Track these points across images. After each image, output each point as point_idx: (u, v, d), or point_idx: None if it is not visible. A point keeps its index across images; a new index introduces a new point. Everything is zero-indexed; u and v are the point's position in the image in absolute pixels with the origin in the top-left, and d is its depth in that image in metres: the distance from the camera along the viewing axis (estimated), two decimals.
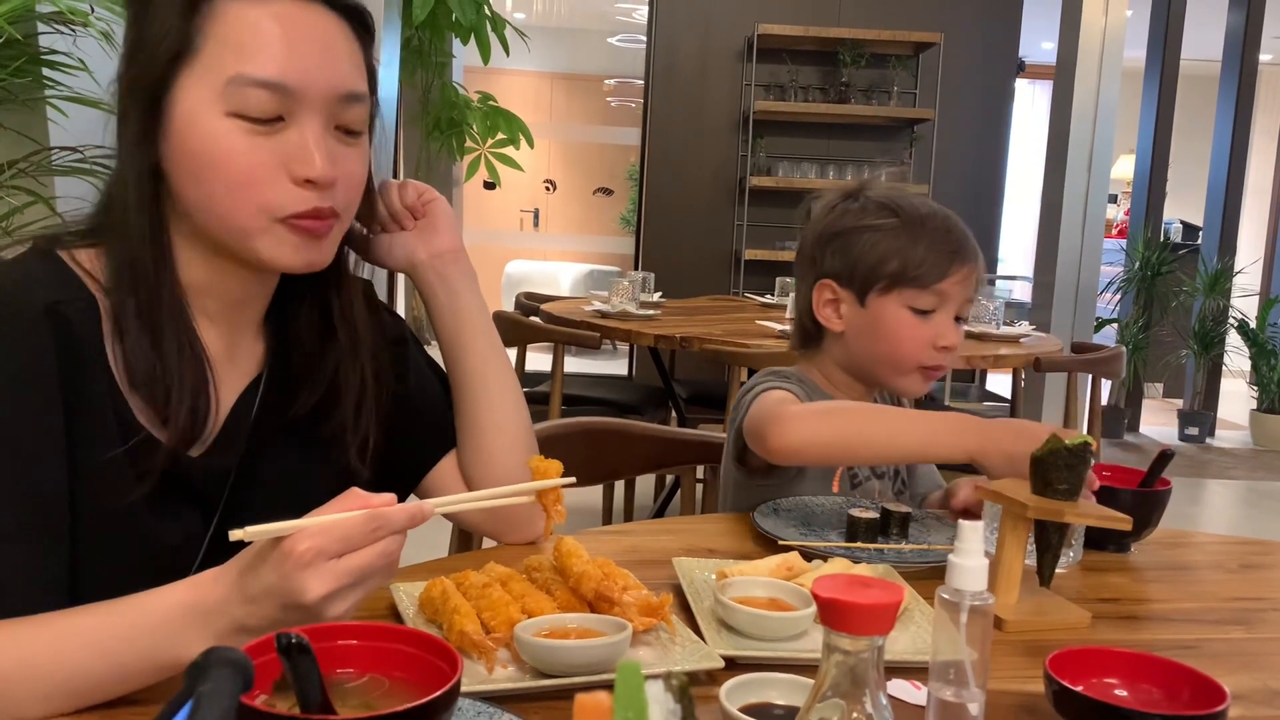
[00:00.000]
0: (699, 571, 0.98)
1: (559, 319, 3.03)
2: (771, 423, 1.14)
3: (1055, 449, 0.95)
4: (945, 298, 1.28)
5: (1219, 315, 6.05)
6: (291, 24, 0.82)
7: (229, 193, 0.81)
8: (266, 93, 0.80)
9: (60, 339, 0.79)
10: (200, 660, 0.43)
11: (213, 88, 0.80)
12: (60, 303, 0.80)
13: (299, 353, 0.95)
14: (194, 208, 0.84)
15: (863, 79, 5.57)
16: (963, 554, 0.69)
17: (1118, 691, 0.75)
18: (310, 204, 0.83)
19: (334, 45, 0.84)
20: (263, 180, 0.82)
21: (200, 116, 0.80)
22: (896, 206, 1.30)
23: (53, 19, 2.03)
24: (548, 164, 9.18)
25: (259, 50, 0.80)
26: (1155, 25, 5.97)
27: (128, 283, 0.83)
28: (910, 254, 1.27)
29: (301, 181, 0.82)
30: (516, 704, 0.71)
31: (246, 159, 0.81)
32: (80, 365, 0.80)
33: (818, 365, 1.37)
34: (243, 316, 0.93)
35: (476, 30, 4.35)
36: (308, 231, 0.84)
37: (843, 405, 1.21)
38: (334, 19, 0.85)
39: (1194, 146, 7.47)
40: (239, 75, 0.80)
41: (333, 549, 0.68)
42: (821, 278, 1.32)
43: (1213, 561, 1.21)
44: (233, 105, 0.80)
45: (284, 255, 0.84)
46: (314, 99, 0.82)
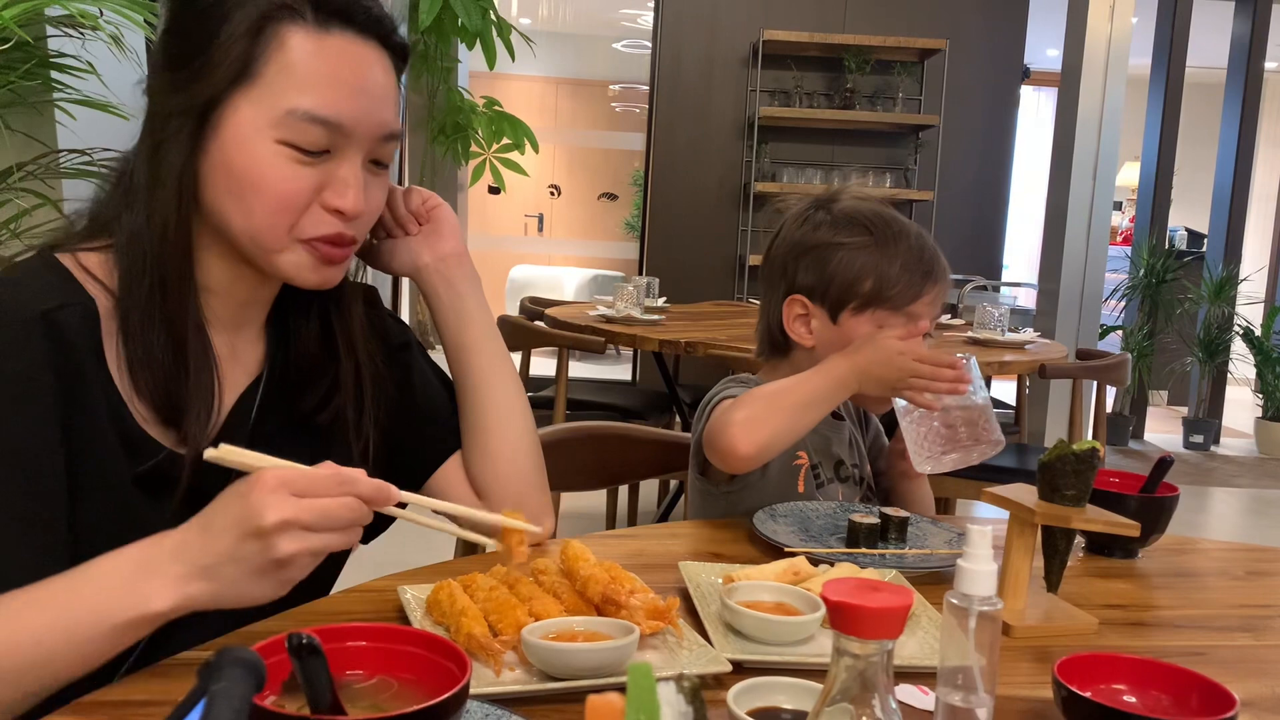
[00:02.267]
0: (705, 575, 0.98)
1: (563, 324, 3.03)
2: (725, 436, 1.14)
3: (1063, 454, 0.95)
4: (915, 319, 1.28)
5: (1224, 323, 6.04)
6: (351, 62, 0.85)
7: (265, 214, 0.84)
8: (320, 128, 0.83)
9: (55, 345, 0.79)
10: (213, 660, 0.43)
11: (268, 114, 0.83)
12: (55, 309, 0.80)
13: (299, 355, 0.97)
14: (223, 218, 0.86)
15: (868, 85, 5.57)
16: (971, 558, 0.68)
17: (1126, 698, 0.75)
18: (336, 229, 0.87)
19: (383, 85, 0.88)
20: (298, 206, 0.85)
21: (250, 139, 0.83)
22: (869, 223, 1.29)
23: (62, 22, 2.04)
24: (552, 169, 9.19)
25: (319, 87, 0.83)
26: (1160, 32, 5.98)
27: (149, 285, 0.84)
28: (885, 274, 1.26)
29: (333, 210, 0.86)
30: (524, 706, 0.71)
31: (289, 185, 0.84)
32: (76, 369, 0.81)
33: (783, 374, 1.36)
34: (246, 318, 0.95)
35: (482, 35, 4.36)
36: (326, 256, 0.88)
37: (765, 391, 1.19)
38: (384, 57, 0.88)
39: (1199, 154, 7.47)
40: (296, 109, 0.82)
41: (298, 484, 0.69)
42: (792, 292, 1.31)
43: (1219, 568, 1.21)
44: (285, 134, 0.83)
45: (302, 273, 0.88)
46: (361, 137, 0.86)
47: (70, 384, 0.80)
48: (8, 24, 1.73)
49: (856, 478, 1.39)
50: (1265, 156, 8.60)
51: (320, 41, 0.84)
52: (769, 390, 1.19)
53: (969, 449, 1.18)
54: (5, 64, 1.94)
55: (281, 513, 0.68)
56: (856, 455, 1.41)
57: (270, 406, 0.95)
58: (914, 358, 1.17)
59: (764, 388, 1.21)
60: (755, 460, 1.16)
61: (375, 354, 1.01)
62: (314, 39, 0.83)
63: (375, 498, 0.72)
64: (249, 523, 0.68)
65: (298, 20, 0.83)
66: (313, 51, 0.83)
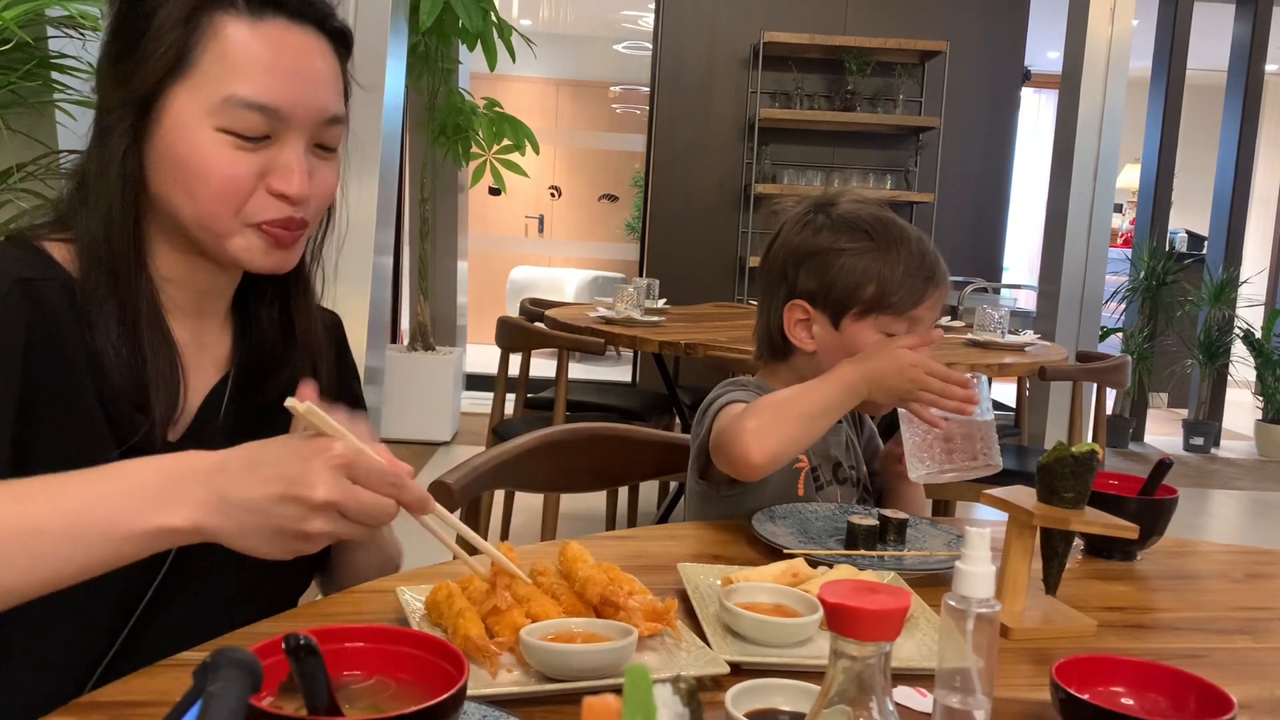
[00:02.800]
0: (704, 577, 0.98)
1: (563, 325, 3.03)
2: (736, 444, 1.14)
3: (1062, 456, 0.95)
4: (917, 323, 1.28)
5: (1224, 325, 6.04)
6: (285, 48, 0.85)
7: (209, 199, 0.85)
8: (258, 114, 0.84)
9: (33, 310, 0.81)
10: (210, 660, 0.43)
11: (205, 102, 0.83)
12: (34, 280, 0.82)
13: (260, 344, 0.99)
14: (171, 207, 0.87)
15: (868, 87, 5.58)
16: (970, 560, 0.68)
17: (1124, 700, 0.75)
18: (284, 214, 0.87)
19: (322, 70, 0.88)
20: (243, 191, 0.86)
21: (190, 127, 0.84)
22: (870, 228, 1.29)
23: (62, 23, 2.04)
24: (553, 170, 9.19)
25: (255, 74, 0.84)
26: (1161, 35, 5.98)
27: (104, 274, 0.85)
28: (887, 280, 1.26)
29: (279, 194, 0.87)
30: (522, 708, 0.71)
31: (230, 170, 0.84)
32: (58, 339, 0.82)
33: (781, 376, 1.36)
34: (209, 308, 0.96)
35: (483, 36, 4.36)
36: (277, 239, 0.88)
37: (776, 400, 1.19)
38: (322, 41, 0.89)
39: (1200, 156, 7.47)
40: (233, 96, 0.83)
41: (357, 472, 0.70)
42: (793, 297, 1.31)
43: (1218, 571, 1.21)
44: (223, 121, 0.84)
45: (253, 257, 0.89)
46: (300, 122, 0.86)
47: (51, 347, 0.81)
48: (8, 25, 1.73)
49: (854, 479, 1.39)
50: (1266, 159, 8.60)
51: (254, 29, 0.84)
52: (779, 399, 1.19)
53: (965, 467, 1.18)
54: (6, 65, 1.95)
55: (332, 494, 0.68)
56: (853, 456, 1.41)
57: (241, 397, 0.96)
58: (926, 371, 1.17)
59: (774, 396, 1.20)
60: (767, 468, 1.16)
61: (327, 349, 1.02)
62: (247, 26, 0.84)
63: (414, 506, 0.74)
64: (297, 488, 0.68)
65: (230, 9, 0.84)
66: (247, 39, 0.84)
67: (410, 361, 4.96)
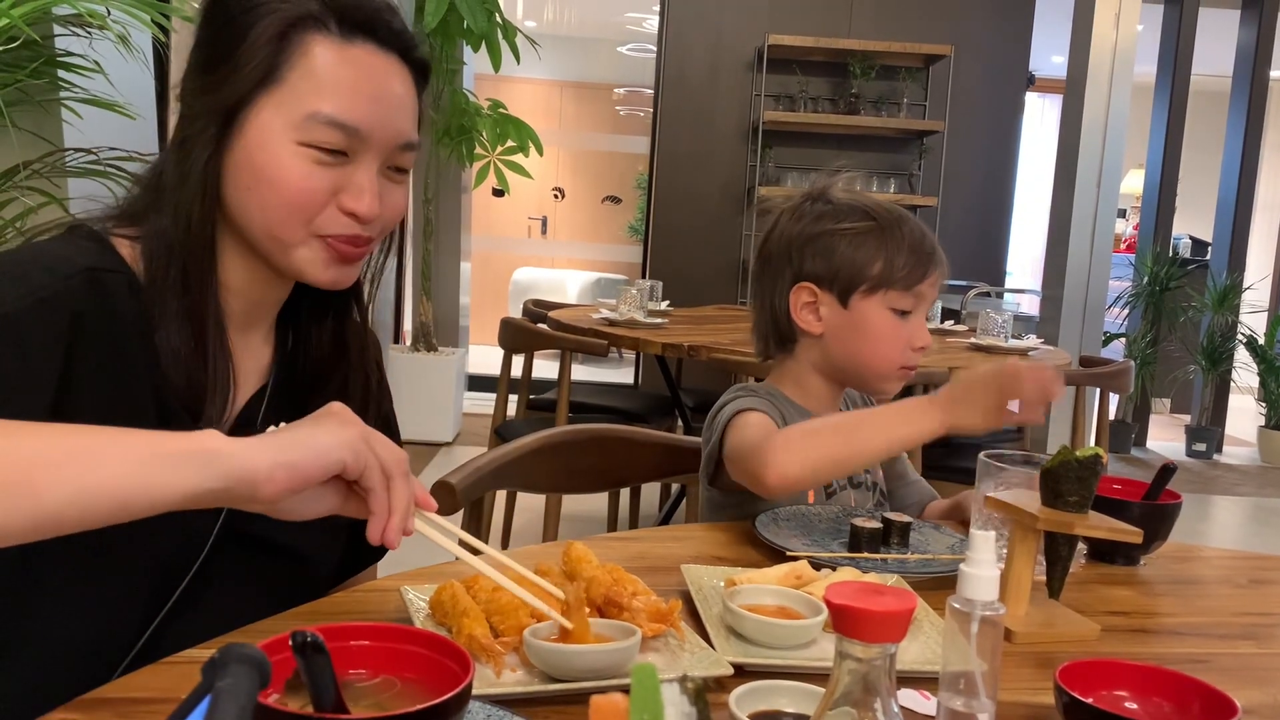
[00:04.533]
0: (707, 578, 0.98)
1: (566, 326, 3.03)
2: (759, 460, 1.13)
3: (1066, 460, 0.95)
4: (921, 299, 1.30)
5: (1227, 331, 6.03)
6: (370, 72, 0.89)
7: (282, 210, 0.88)
8: (338, 132, 0.87)
9: (97, 299, 0.83)
10: (218, 657, 0.43)
11: (289, 117, 0.86)
12: (102, 270, 0.84)
13: (309, 357, 1.00)
14: (243, 215, 0.89)
15: (872, 90, 5.58)
16: (974, 563, 0.68)
17: (1128, 704, 0.75)
18: (352, 231, 0.90)
19: (401, 96, 0.91)
20: (315, 204, 0.88)
21: (271, 139, 0.86)
22: (869, 210, 1.32)
23: (70, 21, 2.04)
24: (556, 172, 9.19)
25: (339, 94, 0.87)
26: (1166, 40, 5.98)
27: (176, 276, 0.87)
28: (893, 256, 1.28)
29: (349, 212, 0.89)
30: (526, 707, 0.71)
31: (306, 183, 0.87)
32: (118, 331, 0.84)
33: (789, 371, 1.36)
34: (258, 318, 0.98)
35: (487, 38, 4.36)
36: (341, 254, 0.91)
37: (819, 424, 1.19)
38: (404, 70, 0.92)
39: (1204, 161, 7.46)
40: (317, 113, 0.86)
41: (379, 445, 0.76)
42: (800, 280, 1.32)
43: (1222, 576, 1.21)
44: (304, 136, 0.86)
45: (315, 270, 0.91)
46: (377, 144, 0.89)
47: (112, 337, 0.83)
48: (16, 22, 1.73)
49: (869, 483, 1.39)
50: (1270, 165, 8.59)
51: (343, 51, 0.88)
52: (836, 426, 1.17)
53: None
54: (13, 62, 1.95)
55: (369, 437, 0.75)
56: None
57: (276, 410, 0.97)
58: (1010, 370, 1.14)
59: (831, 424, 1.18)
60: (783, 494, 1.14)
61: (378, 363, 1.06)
62: (337, 48, 0.87)
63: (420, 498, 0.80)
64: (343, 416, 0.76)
65: (322, 30, 0.87)
66: (335, 60, 0.87)
67: (413, 362, 4.96)
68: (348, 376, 1.01)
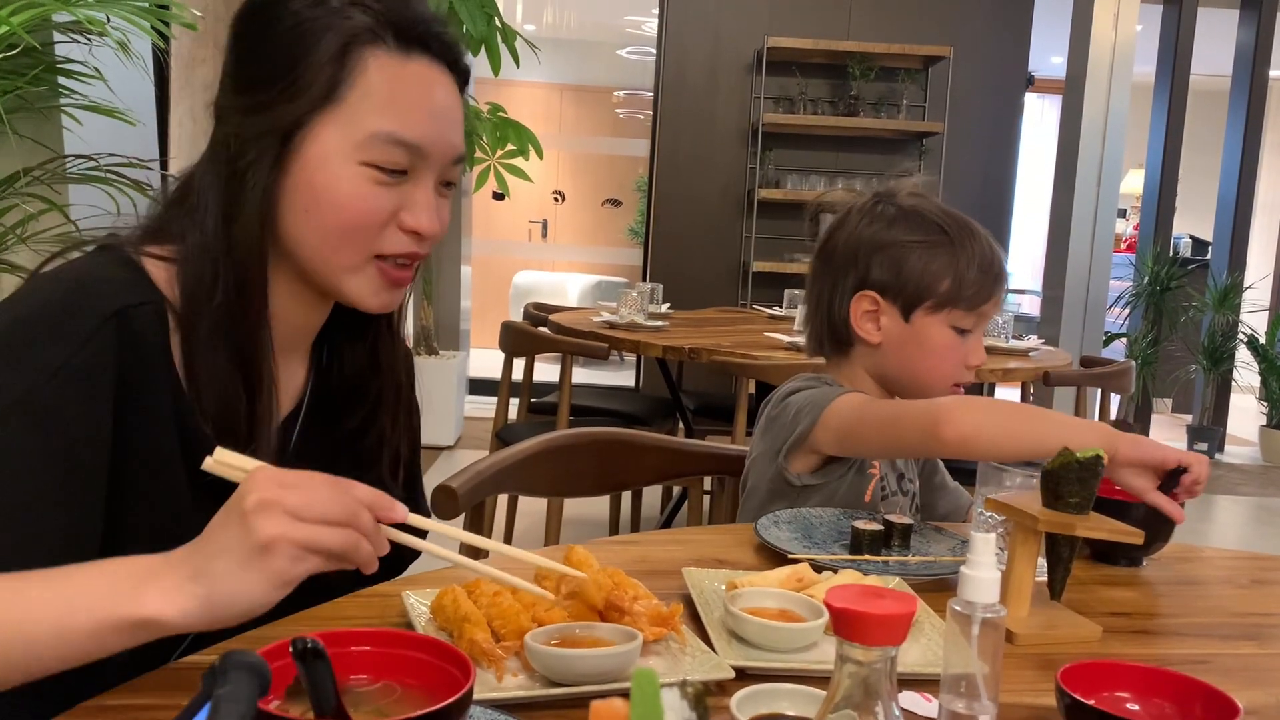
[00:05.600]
0: (709, 582, 0.98)
1: (567, 330, 3.04)
2: (933, 417, 1.11)
3: (1067, 462, 0.95)
4: (984, 318, 1.29)
5: (1228, 330, 6.03)
6: (429, 86, 0.87)
7: (342, 232, 0.86)
8: (403, 151, 0.85)
9: (126, 343, 0.80)
10: (218, 664, 0.43)
11: (352, 136, 0.84)
12: (130, 307, 0.81)
13: (342, 377, 0.99)
14: (297, 239, 0.87)
15: (872, 92, 5.58)
16: (975, 565, 0.68)
17: (1130, 706, 0.75)
18: (411, 249, 0.89)
19: (455, 109, 0.90)
20: (377, 226, 0.87)
21: (332, 160, 0.84)
22: (944, 223, 1.30)
23: (70, 28, 2.05)
24: (556, 175, 9.20)
25: (404, 111, 0.85)
26: (1165, 40, 5.98)
27: (222, 306, 0.85)
28: (963, 275, 1.27)
29: (410, 231, 0.88)
30: (527, 712, 0.71)
31: (369, 204, 0.85)
32: (145, 370, 0.82)
33: (842, 374, 1.36)
34: (295, 342, 0.97)
35: (487, 42, 4.36)
36: (394, 279, 0.90)
37: (997, 400, 1.20)
38: (453, 82, 0.90)
39: (1204, 161, 7.46)
40: (382, 132, 0.84)
41: (287, 477, 0.68)
42: (864, 287, 1.30)
43: (1224, 577, 1.21)
44: (369, 156, 0.84)
45: (365, 296, 0.89)
46: (436, 160, 0.88)
47: (138, 382, 0.81)
48: (15, 29, 1.73)
49: (914, 491, 1.39)
50: (1270, 164, 8.58)
51: (401, 66, 0.86)
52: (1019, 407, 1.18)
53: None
54: (13, 69, 1.95)
55: (263, 493, 0.66)
56: (913, 470, 1.41)
57: (311, 429, 0.97)
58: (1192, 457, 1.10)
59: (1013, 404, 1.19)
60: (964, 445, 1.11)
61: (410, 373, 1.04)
62: (395, 63, 0.86)
63: (376, 504, 0.71)
64: (233, 509, 0.67)
65: (380, 45, 0.85)
66: (394, 76, 0.85)
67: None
68: (381, 391, 1.00)
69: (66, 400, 0.77)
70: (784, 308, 3.90)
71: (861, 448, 1.25)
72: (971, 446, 1.11)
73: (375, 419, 1.00)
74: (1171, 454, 1.09)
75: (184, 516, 0.83)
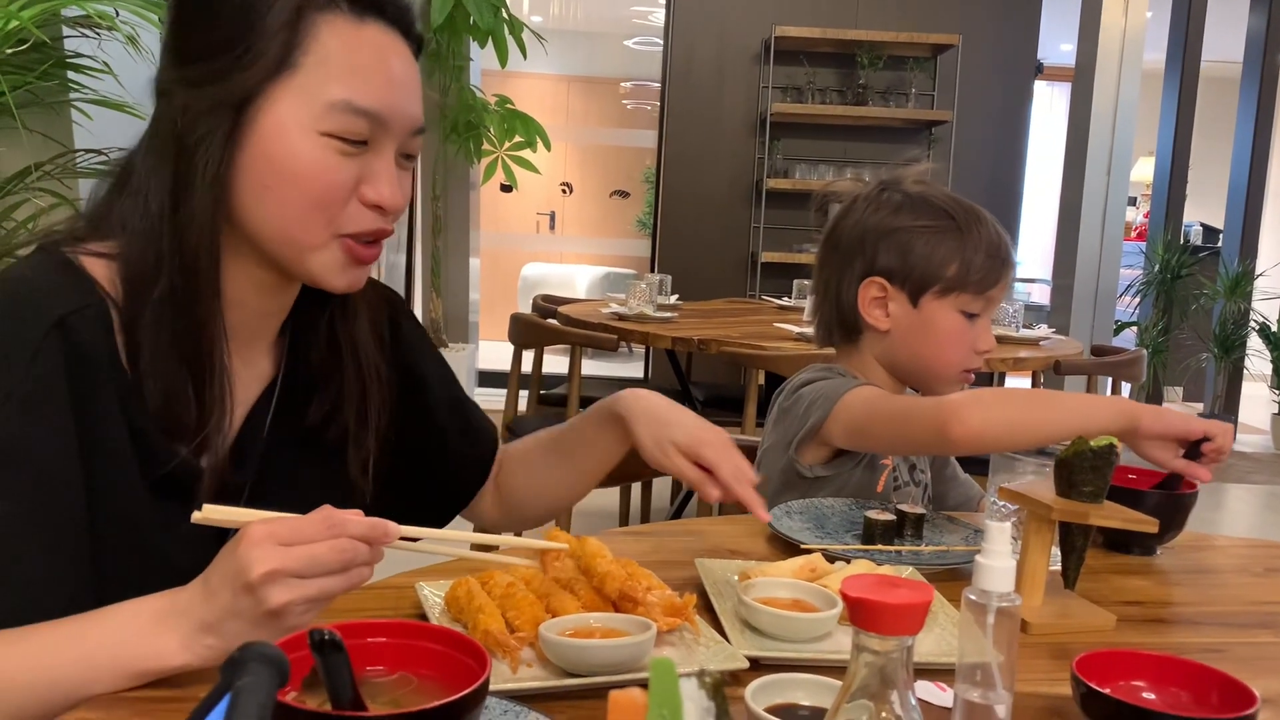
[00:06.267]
0: (721, 572, 0.98)
1: (576, 321, 3.04)
2: (943, 415, 1.11)
3: (1080, 450, 0.95)
4: (991, 303, 1.29)
5: (1240, 318, 6.00)
6: (386, 53, 0.84)
7: (303, 207, 0.82)
8: (364, 120, 0.82)
9: (70, 352, 0.77)
10: (237, 655, 0.43)
11: (310, 106, 0.81)
12: (71, 314, 0.78)
13: (307, 365, 0.95)
14: (256, 218, 0.83)
15: (880, 81, 5.56)
16: (990, 555, 0.68)
17: (1146, 694, 0.74)
18: (375, 225, 0.85)
19: (414, 77, 0.86)
20: (339, 200, 0.83)
21: (292, 131, 0.81)
22: (950, 209, 1.30)
23: (79, 22, 2.05)
24: (564, 167, 9.19)
25: (363, 78, 0.82)
26: (1175, 27, 5.94)
27: (165, 299, 0.81)
28: (970, 259, 1.27)
29: (372, 204, 0.84)
30: (542, 703, 0.71)
31: (331, 177, 0.82)
32: (90, 377, 0.79)
33: (853, 363, 1.35)
34: (261, 329, 0.93)
35: (494, 33, 4.36)
36: (360, 256, 0.86)
37: (1012, 390, 1.20)
38: (409, 49, 0.87)
39: (1214, 148, 7.42)
40: (342, 101, 0.81)
41: (283, 534, 0.68)
42: (871, 274, 1.30)
43: (1238, 565, 1.20)
44: (329, 126, 0.81)
45: (330, 275, 0.86)
46: (396, 129, 0.85)
47: (84, 390, 0.78)
48: (26, 24, 1.74)
49: (925, 482, 1.39)
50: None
51: (357, 32, 0.82)
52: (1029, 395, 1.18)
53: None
54: (22, 64, 1.96)
55: (268, 564, 0.66)
56: (924, 461, 1.41)
57: (283, 417, 0.93)
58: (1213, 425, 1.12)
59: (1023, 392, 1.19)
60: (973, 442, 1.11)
61: (379, 363, 0.98)
62: (350, 28, 0.82)
63: (371, 536, 0.70)
64: (239, 578, 0.67)
65: (334, 9, 0.82)
66: (350, 42, 0.82)
67: None
68: (343, 384, 0.95)
69: (21, 429, 0.74)
70: (793, 298, 3.90)
71: (871, 443, 1.24)
72: (983, 443, 1.11)
73: (338, 414, 0.95)
74: (1196, 424, 1.09)
75: (141, 516, 0.82)
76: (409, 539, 0.77)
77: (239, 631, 0.69)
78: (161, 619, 0.70)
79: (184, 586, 0.72)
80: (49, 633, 0.71)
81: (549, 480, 1.14)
